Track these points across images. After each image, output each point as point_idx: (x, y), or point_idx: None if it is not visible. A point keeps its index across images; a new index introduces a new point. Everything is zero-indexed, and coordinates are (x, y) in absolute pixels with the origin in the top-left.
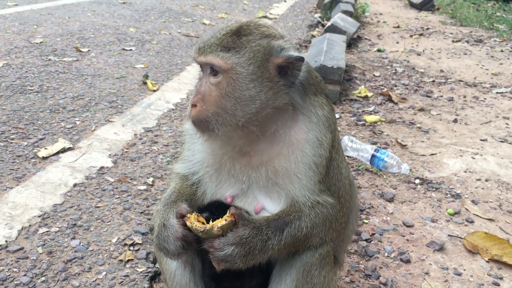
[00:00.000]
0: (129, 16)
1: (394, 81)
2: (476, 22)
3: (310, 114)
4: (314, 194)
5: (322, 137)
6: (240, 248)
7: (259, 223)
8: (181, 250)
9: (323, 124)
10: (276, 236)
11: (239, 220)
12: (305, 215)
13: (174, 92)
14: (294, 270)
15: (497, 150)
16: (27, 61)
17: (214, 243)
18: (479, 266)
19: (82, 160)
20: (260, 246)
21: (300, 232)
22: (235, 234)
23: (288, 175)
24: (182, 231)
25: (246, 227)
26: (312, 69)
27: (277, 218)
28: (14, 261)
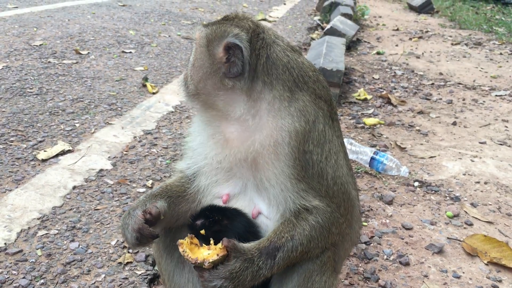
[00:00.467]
0: (128, 18)
1: (393, 83)
2: (475, 25)
3: (274, 105)
4: (299, 196)
5: (287, 125)
6: (229, 282)
7: (251, 253)
8: (136, 241)
9: (290, 114)
10: (267, 265)
11: (231, 252)
12: (299, 233)
13: (174, 95)
14: (295, 276)
15: (496, 153)
16: (26, 63)
17: (204, 274)
18: (478, 269)
19: (81, 162)
20: (251, 277)
21: (295, 252)
22: (226, 268)
23: (266, 171)
24: (140, 224)
25: (238, 260)
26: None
27: (268, 244)
28: (13, 264)
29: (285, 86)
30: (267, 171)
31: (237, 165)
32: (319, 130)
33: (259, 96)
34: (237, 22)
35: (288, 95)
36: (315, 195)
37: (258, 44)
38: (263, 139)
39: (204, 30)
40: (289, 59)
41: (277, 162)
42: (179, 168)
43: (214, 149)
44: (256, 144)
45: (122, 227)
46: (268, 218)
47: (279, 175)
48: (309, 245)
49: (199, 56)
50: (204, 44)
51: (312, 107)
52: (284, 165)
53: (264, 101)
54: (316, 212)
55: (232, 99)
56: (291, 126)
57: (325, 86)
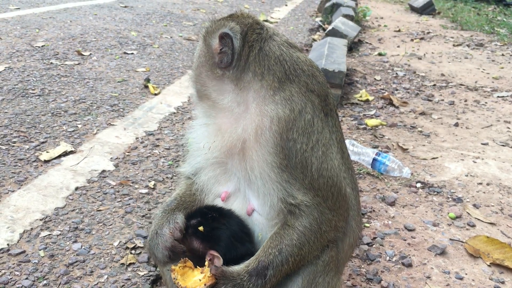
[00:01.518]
0: (130, 20)
1: (395, 85)
2: (477, 26)
3: (260, 94)
4: (282, 187)
5: (270, 111)
6: None
7: (240, 278)
8: (168, 259)
9: (275, 101)
10: (257, 286)
11: (220, 279)
12: (287, 245)
13: (176, 96)
14: (299, 278)
15: (498, 154)
16: (29, 64)
17: None
18: (480, 270)
19: (83, 163)
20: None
21: (286, 264)
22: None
23: (251, 161)
24: (172, 241)
25: (227, 286)
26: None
27: (257, 264)
28: (16, 265)
29: (275, 77)
30: (252, 160)
31: (228, 155)
32: (306, 119)
33: (247, 86)
34: (238, 19)
35: (276, 85)
36: (299, 187)
37: (253, 37)
38: (246, 125)
39: (211, 25)
40: (282, 52)
41: (260, 149)
42: (182, 171)
43: (207, 137)
44: (239, 129)
45: (151, 247)
46: (260, 214)
47: (261, 163)
48: (302, 252)
49: (199, 47)
50: (203, 36)
51: (300, 98)
52: (266, 152)
53: (251, 90)
54: (301, 213)
55: (221, 88)
56: (274, 112)
57: (320, 82)
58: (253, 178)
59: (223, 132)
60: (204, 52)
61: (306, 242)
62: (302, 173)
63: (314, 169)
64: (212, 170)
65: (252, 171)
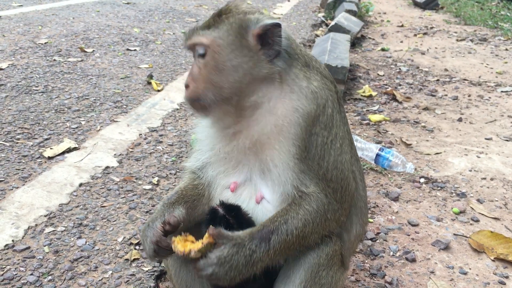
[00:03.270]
0: (133, 16)
1: (398, 80)
2: (481, 21)
3: (294, 85)
4: (297, 177)
5: (301, 106)
6: (220, 268)
7: (240, 238)
8: (153, 253)
9: (306, 96)
10: (261, 248)
11: (217, 239)
12: (292, 217)
13: (179, 92)
14: (302, 271)
15: (502, 149)
16: (32, 61)
17: (197, 264)
18: (484, 265)
19: (87, 160)
20: (244, 261)
21: (291, 235)
22: (214, 255)
23: (270, 148)
24: (158, 236)
25: (226, 246)
26: (297, 44)
27: (261, 228)
28: (20, 260)
29: (302, 69)
30: (273, 151)
31: (243, 153)
32: (328, 114)
33: (285, 78)
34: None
35: (304, 77)
36: (312, 177)
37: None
38: (276, 121)
39: (219, 30)
40: (298, 45)
41: (285, 141)
42: (188, 165)
43: (222, 141)
44: (268, 126)
45: (142, 239)
46: (269, 202)
47: (284, 154)
48: (305, 230)
49: (225, 56)
50: (229, 41)
51: (324, 92)
52: (291, 145)
53: (286, 82)
54: (310, 198)
55: (265, 86)
56: (302, 106)
57: (331, 75)
58: (271, 168)
59: (241, 134)
60: (239, 56)
61: (310, 222)
62: (319, 164)
63: (331, 161)
64: (222, 164)
65: (272, 160)
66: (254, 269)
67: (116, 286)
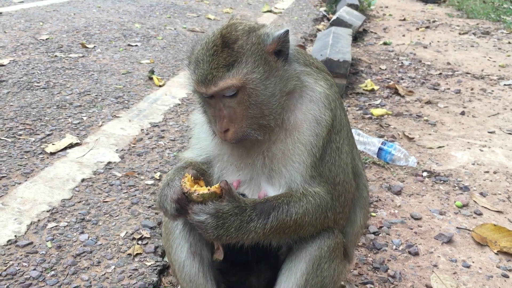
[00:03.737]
0: (134, 12)
1: (400, 74)
2: (483, 14)
3: (309, 91)
4: (305, 180)
5: (321, 115)
6: (213, 220)
7: (245, 204)
8: (175, 212)
9: (322, 102)
10: (260, 219)
11: (225, 195)
12: (295, 201)
13: (180, 87)
14: (304, 264)
15: (505, 142)
16: (33, 57)
17: (193, 207)
18: (488, 258)
19: (89, 155)
20: (238, 225)
21: (289, 217)
22: (214, 205)
23: (283, 158)
24: (179, 194)
25: (229, 204)
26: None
27: (264, 201)
28: (23, 256)
29: (306, 70)
30: (288, 162)
31: (254, 163)
32: (338, 117)
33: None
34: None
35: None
36: (320, 181)
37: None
38: (299, 138)
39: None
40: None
41: (303, 154)
42: (187, 157)
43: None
44: (290, 145)
45: (160, 198)
46: None
47: (298, 164)
48: (303, 218)
49: (261, 87)
50: (260, 71)
51: (331, 90)
52: (308, 155)
53: (302, 89)
54: (314, 195)
55: (289, 99)
56: (325, 120)
57: (323, 64)
58: (282, 174)
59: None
60: (270, 76)
61: (310, 213)
62: (329, 169)
63: (341, 165)
64: (225, 166)
65: (284, 167)
66: (244, 238)
67: (119, 281)
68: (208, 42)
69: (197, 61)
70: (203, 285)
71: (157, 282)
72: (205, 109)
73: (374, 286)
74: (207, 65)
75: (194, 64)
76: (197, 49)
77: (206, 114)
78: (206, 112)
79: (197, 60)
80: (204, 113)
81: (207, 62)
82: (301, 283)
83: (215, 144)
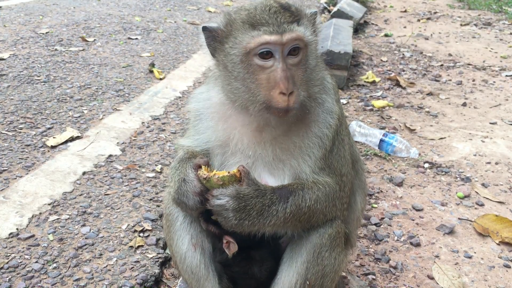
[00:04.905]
0: (134, 5)
1: (402, 65)
2: (485, 5)
3: (324, 81)
4: (314, 171)
5: (333, 107)
6: (235, 202)
7: (264, 187)
8: (199, 205)
9: (333, 93)
10: (281, 203)
11: (244, 177)
12: (308, 188)
13: (181, 80)
14: (304, 252)
15: (507, 133)
16: (33, 51)
17: (213, 191)
18: (489, 248)
19: (90, 148)
20: (260, 209)
21: (304, 203)
22: (233, 187)
23: (295, 150)
24: (200, 186)
25: (249, 186)
26: None
27: (281, 187)
28: (25, 248)
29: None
30: (299, 151)
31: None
32: (342, 110)
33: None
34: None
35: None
36: (329, 172)
37: None
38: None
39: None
40: None
41: (315, 146)
42: (186, 144)
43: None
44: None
45: (179, 197)
46: None
47: (309, 156)
48: (316, 206)
49: (314, 53)
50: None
51: (334, 88)
52: (320, 147)
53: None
54: (323, 184)
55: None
56: (335, 110)
57: None
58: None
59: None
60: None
61: (322, 200)
62: (337, 161)
63: (347, 154)
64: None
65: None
66: (265, 224)
67: (120, 273)
68: (265, 5)
69: (262, 18)
70: (205, 277)
71: (159, 274)
72: (249, 79)
73: (376, 277)
74: (277, 20)
75: (258, 21)
76: (253, 13)
77: (248, 84)
78: (250, 82)
79: (261, 18)
80: (244, 84)
81: (275, 17)
82: (302, 272)
83: (223, 129)
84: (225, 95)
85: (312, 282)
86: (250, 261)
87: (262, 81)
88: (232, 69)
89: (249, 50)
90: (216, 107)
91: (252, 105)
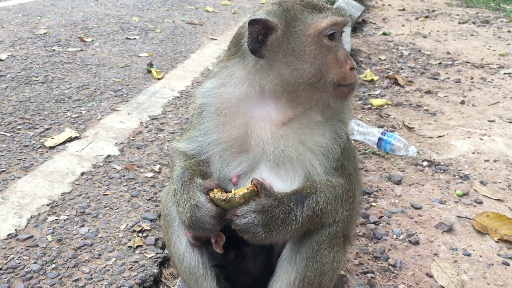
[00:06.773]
0: (132, 5)
1: (400, 64)
2: (483, 3)
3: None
4: (328, 173)
5: (346, 109)
6: (262, 216)
7: (281, 195)
8: (217, 226)
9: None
10: (298, 208)
11: (261, 190)
12: (320, 191)
13: (179, 80)
14: (303, 249)
15: (505, 131)
16: (31, 52)
17: (236, 211)
18: (488, 246)
19: (89, 149)
20: (283, 217)
21: (318, 206)
22: (257, 202)
23: (310, 150)
24: (216, 209)
25: (268, 198)
26: None
27: (295, 192)
28: (24, 249)
29: None
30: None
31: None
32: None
33: None
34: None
35: None
36: (341, 173)
37: None
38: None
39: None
40: None
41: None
42: (188, 151)
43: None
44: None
45: (194, 223)
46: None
47: (326, 156)
48: (326, 208)
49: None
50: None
51: None
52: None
53: None
54: (336, 184)
55: None
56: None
57: None
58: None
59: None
60: None
61: (332, 202)
62: (348, 161)
63: (355, 156)
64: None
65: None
66: (288, 231)
67: (119, 273)
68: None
69: (320, 3)
70: (203, 277)
71: (158, 274)
72: (320, 60)
73: (375, 275)
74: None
75: (320, 6)
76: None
77: (319, 64)
78: (321, 62)
79: (319, 3)
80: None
81: (327, 3)
82: (301, 269)
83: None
84: (279, 86)
85: (311, 280)
86: (243, 258)
87: (331, 60)
88: (300, 52)
89: (321, 30)
90: (234, 101)
91: (323, 86)
